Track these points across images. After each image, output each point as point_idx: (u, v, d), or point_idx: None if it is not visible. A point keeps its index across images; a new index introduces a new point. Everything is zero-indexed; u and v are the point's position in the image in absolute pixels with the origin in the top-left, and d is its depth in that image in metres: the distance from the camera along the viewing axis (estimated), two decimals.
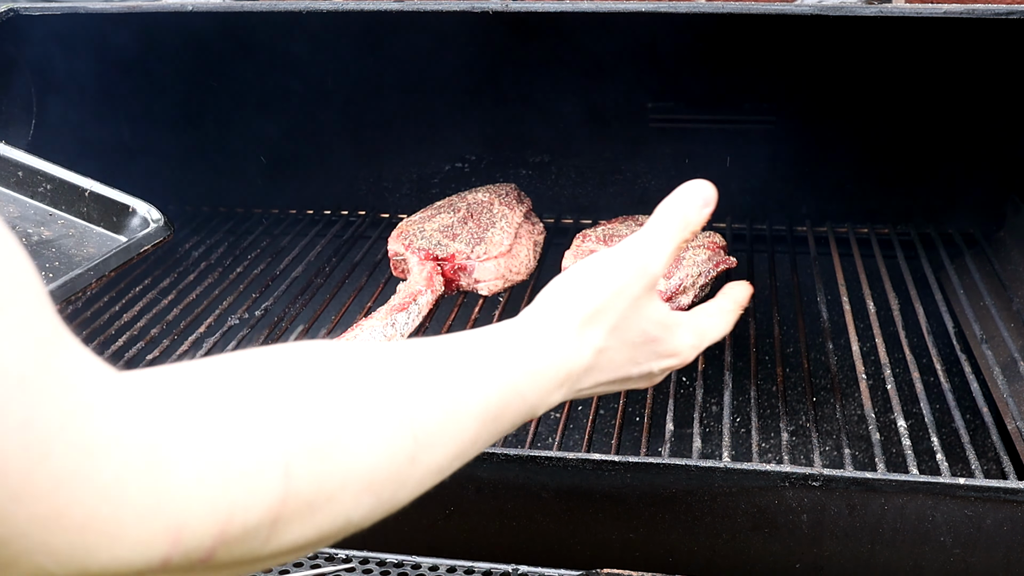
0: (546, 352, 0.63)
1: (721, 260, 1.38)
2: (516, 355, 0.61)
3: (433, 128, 1.69)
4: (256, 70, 1.64)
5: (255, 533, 0.42)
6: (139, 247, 0.84)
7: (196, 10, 1.32)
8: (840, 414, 1.11)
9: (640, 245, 0.70)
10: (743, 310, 0.85)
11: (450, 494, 1.04)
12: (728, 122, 1.59)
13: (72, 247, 0.86)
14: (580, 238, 1.41)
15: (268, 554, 0.44)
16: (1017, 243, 1.48)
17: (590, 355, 0.67)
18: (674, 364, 0.75)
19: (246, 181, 1.78)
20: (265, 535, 0.43)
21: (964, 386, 1.22)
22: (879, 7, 1.17)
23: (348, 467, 0.47)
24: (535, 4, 1.25)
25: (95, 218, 0.92)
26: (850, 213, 1.61)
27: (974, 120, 1.50)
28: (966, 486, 0.93)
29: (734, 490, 0.97)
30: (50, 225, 0.93)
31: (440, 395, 0.54)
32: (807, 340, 1.33)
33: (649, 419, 1.12)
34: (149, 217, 0.89)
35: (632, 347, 0.70)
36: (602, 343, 0.68)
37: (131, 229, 0.89)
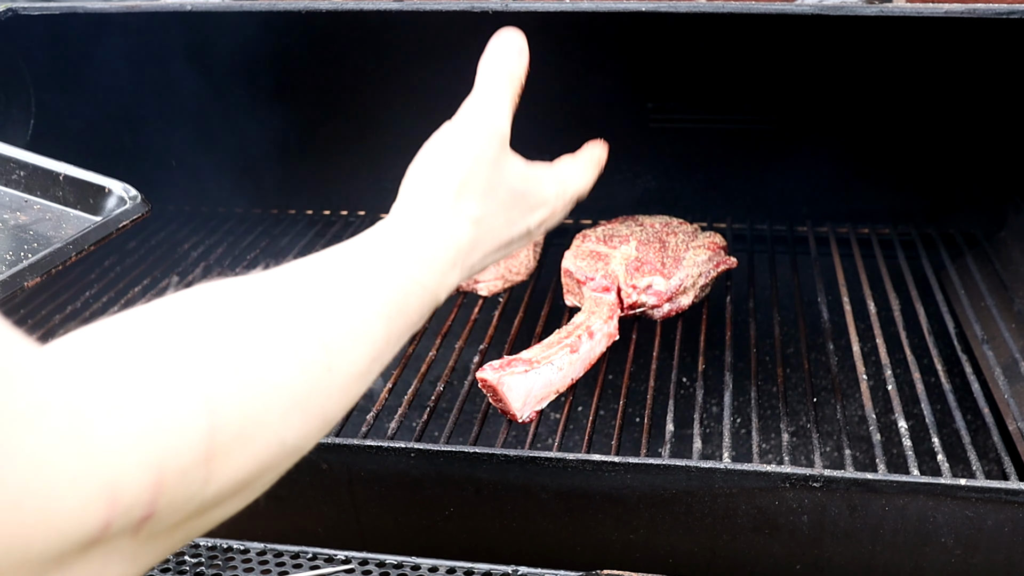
0: (430, 236, 0.64)
1: (721, 260, 1.37)
2: (404, 246, 0.62)
3: (433, 127, 1.67)
4: (255, 70, 1.64)
5: (192, 476, 0.42)
6: (117, 223, 0.85)
7: (195, 10, 1.32)
8: (841, 415, 1.11)
9: (480, 110, 0.71)
10: (601, 167, 0.88)
11: (450, 495, 1.04)
12: (728, 122, 1.59)
13: (50, 230, 0.86)
14: (580, 238, 1.40)
15: (211, 497, 0.44)
16: (1018, 243, 1.47)
17: (471, 227, 0.68)
18: (545, 215, 0.76)
19: (246, 181, 1.78)
20: (202, 476, 0.42)
21: (965, 387, 1.21)
22: (880, 7, 1.17)
23: (267, 387, 0.47)
24: (535, 4, 1.25)
25: (71, 201, 0.92)
26: (851, 213, 1.61)
27: (975, 120, 1.49)
28: (967, 487, 0.93)
29: (734, 491, 0.97)
30: (26, 211, 0.93)
31: (341, 300, 0.54)
32: (808, 341, 1.32)
33: (649, 420, 1.11)
34: (126, 195, 0.89)
35: (505, 207, 0.71)
36: (478, 212, 0.68)
37: (108, 209, 0.89)
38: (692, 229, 1.42)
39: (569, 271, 1.34)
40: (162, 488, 0.40)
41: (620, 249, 1.35)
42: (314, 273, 0.56)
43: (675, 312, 1.33)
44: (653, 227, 1.41)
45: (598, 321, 1.23)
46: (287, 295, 0.53)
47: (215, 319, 0.48)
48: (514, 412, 1.11)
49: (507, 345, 1.28)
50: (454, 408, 1.16)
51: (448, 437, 1.10)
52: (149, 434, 0.40)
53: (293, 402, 0.49)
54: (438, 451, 1.02)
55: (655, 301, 1.30)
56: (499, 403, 1.11)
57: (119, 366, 0.42)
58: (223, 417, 0.44)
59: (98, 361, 0.42)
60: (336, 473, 1.05)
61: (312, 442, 0.52)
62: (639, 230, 1.40)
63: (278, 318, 0.50)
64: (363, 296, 0.57)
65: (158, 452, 0.40)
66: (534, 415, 1.13)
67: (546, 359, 1.14)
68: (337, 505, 1.07)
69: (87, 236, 0.82)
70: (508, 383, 1.09)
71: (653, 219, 1.44)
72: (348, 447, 1.03)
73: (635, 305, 1.30)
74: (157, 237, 1.70)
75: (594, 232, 1.41)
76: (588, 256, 1.35)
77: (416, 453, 1.02)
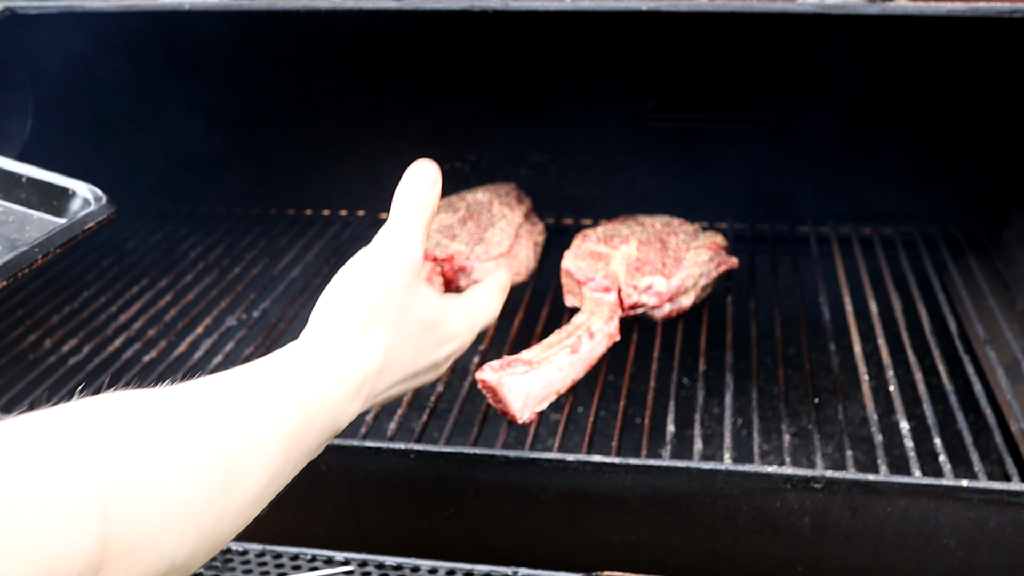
0: (336, 365, 0.64)
1: (722, 260, 1.37)
2: (310, 372, 0.62)
3: (433, 128, 1.68)
4: (254, 70, 1.64)
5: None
6: (83, 225, 0.84)
7: (194, 9, 1.32)
8: (842, 416, 1.11)
9: (393, 238, 0.72)
10: (506, 294, 0.88)
11: (449, 496, 1.03)
12: (728, 122, 1.58)
13: (13, 232, 0.86)
14: (580, 238, 1.40)
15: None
16: (1021, 243, 1.47)
17: (379, 356, 0.68)
18: (455, 348, 0.77)
19: (244, 181, 1.78)
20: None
21: (967, 387, 1.21)
22: (881, 5, 1.16)
23: (165, 504, 0.47)
24: (535, 4, 1.25)
25: (35, 203, 0.91)
26: (852, 213, 1.61)
27: (978, 119, 1.49)
28: (969, 488, 0.92)
29: (735, 492, 0.97)
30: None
31: (243, 423, 0.55)
32: (809, 341, 1.32)
33: (650, 421, 1.11)
34: (91, 197, 0.88)
35: (415, 337, 0.72)
36: (387, 341, 0.68)
37: (72, 211, 0.88)
38: (693, 229, 1.42)
39: (569, 271, 1.34)
40: None
41: (620, 249, 1.35)
42: (219, 392, 0.56)
43: (676, 312, 1.32)
44: (654, 227, 1.41)
45: (598, 321, 1.23)
46: (191, 413, 0.53)
47: (120, 433, 0.48)
48: (514, 413, 1.10)
49: (507, 345, 1.28)
50: (454, 409, 1.16)
51: (448, 438, 1.10)
52: (43, 540, 0.40)
53: (188, 521, 0.49)
54: (438, 452, 1.01)
55: (656, 301, 1.29)
56: (499, 404, 1.10)
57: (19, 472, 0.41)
58: (117, 528, 0.44)
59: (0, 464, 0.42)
60: (335, 474, 1.05)
61: (201, 562, 0.51)
62: (640, 230, 1.40)
63: (181, 436, 0.51)
64: (265, 419, 0.56)
65: (50, 559, 0.40)
66: (534, 416, 1.13)
67: (546, 359, 1.14)
68: (336, 506, 1.07)
69: (53, 239, 0.82)
70: (508, 384, 1.09)
71: (654, 219, 1.44)
72: (347, 448, 1.03)
73: (636, 305, 1.29)
74: (156, 237, 1.69)
75: (594, 232, 1.40)
76: (588, 256, 1.34)
77: (416, 454, 1.02)
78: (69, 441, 0.45)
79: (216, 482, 0.51)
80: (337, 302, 0.69)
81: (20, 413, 0.47)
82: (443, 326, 0.75)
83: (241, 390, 0.57)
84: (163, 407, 0.52)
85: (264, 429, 0.56)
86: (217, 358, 1.29)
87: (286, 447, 0.58)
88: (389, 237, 0.72)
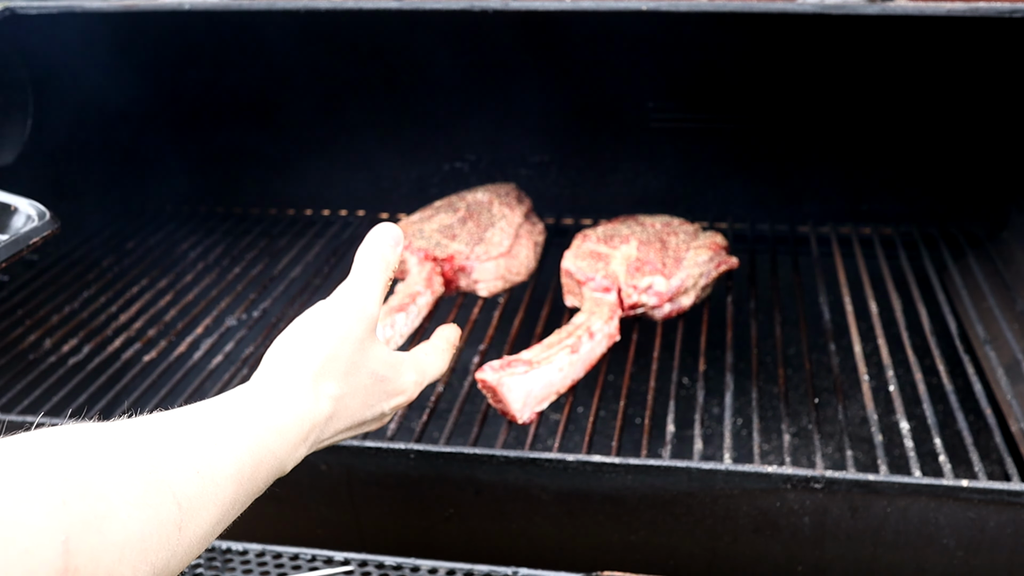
0: (288, 410, 0.66)
1: (723, 260, 1.37)
2: (261, 417, 0.64)
3: (433, 128, 1.68)
4: (254, 70, 1.64)
5: None
6: (27, 239, 0.85)
7: (194, 9, 1.32)
8: (842, 416, 1.11)
9: (352, 293, 0.74)
10: (456, 349, 0.89)
11: (450, 496, 1.03)
12: (728, 122, 1.58)
13: None
14: (580, 238, 1.40)
15: None
16: (1021, 244, 1.47)
17: (328, 405, 0.70)
18: (402, 402, 0.78)
19: (244, 181, 1.78)
20: None
21: (967, 387, 1.21)
22: (882, 6, 1.16)
23: (123, 538, 0.48)
24: (535, 4, 1.24)
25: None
26: (853, 213, 1.61)
27: (978, 120, 1.49)
28: (969, 488, 0.92)
29: (735, 492, 0.97)
30: None
31: (197, 463, 0.56)
32: (809, 341, 1.32)
33: (650, 421, 1.11)
34: (34, 213, 0.88)
35: (364, 390, 0.74)
36: (337, 391, 0.71)
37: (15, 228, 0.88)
38: (693, 229, 1.42)
39: (569, 271, 1.34)
40: None
41: (620, 249, 1.35)
42: (174, 430, 0.58)
43: (676, 312, 1.32)
44: (654, 227, 1.41)
45: (598, 321, 1.23)
46: (148, 450, 0.54)
47: (81, 467, 0.49)
48: (514, 413, 1.10)
49: (507, 345, 1.28)
50: (454, 409, 1.16)
51: (448, 438, 1.10)
52: (7, 570, 0.41)
53: (144, 557, 0.50)
54: (438, 452, 1.01)
55: (656, 301, 1.29)
56: (499, 404, 1.10)
57: None
58: (77, 562, 0.45)
59: None
60: (335, 474, 1.05)
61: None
62: (640, 230, 1.39)
63: (138, 473, 0.52)
64: (217, 458, 0.58)
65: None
66: (534, 416, 1.13)
67: (546, 359, 1.14)
68: (336, 506, 1.07)
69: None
70: (508, 384, 1.09)
71: (654, 219, 1.44)
72: (347, 448, 1.03)
73: (636, 305, 1.29)
74: (156, 237, 1.69)
75: (594, 232, 1.40)
76: (588, 256, 1.34)
77: (416, 454, 1.02)
78: (31, 472, 0.46)
79: (171, 520, 0.52)
80: (292, 349, 0.71)
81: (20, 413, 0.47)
82: (392, 381, 0.77)
83: (195, 429, 0.59)
84: (121, 442, 0.53)
85: (216, 469, 0.58)
86: (217, 358, 1.29)
87: (235, 487, 0.59)
88: (348, 292, 0.75)
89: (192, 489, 0.55)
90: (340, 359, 0.71)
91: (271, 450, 0.63)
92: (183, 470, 0.55)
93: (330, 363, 0.70)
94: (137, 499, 0.50)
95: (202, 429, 0.59)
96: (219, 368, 1.31)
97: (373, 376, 0.74)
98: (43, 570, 0.43)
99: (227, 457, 0.59)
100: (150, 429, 0.56)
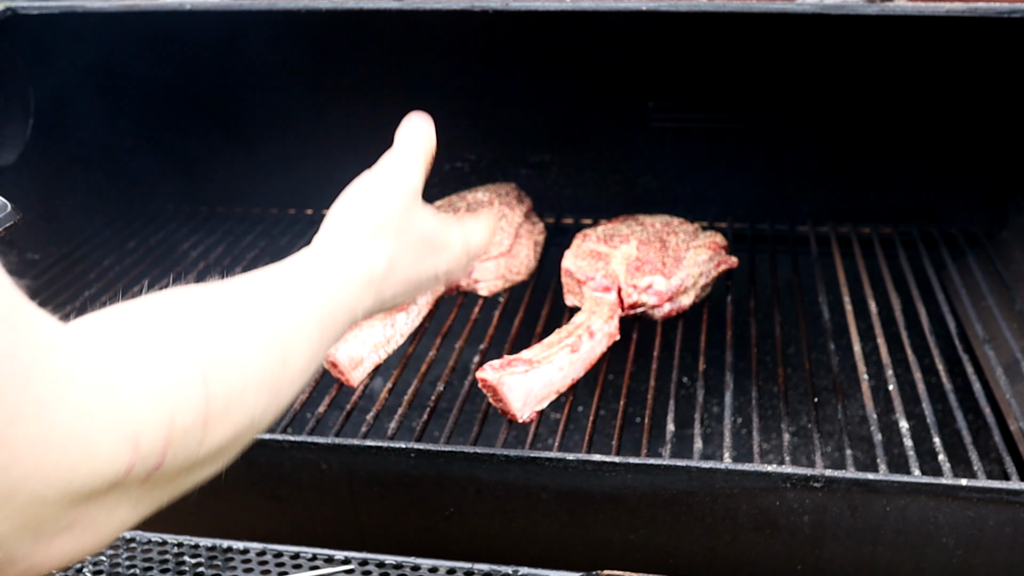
0: (349, 261, 0.77)
1: (722, 260, 1.37)
2: (331, 270, 0.75)
3: (434, 127, 1.68)
4: (253, 69, 1.64)
5: (192, 436, 0.51)
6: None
7: (195, 9, 1.32)
8: (842, 415, 1.11)
9: (399, 163, 0.85)
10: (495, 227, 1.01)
11: (450, 495, 1.04)
12: (728, 122, 1.59)
13: None
14: (580, 238, 1.40)
15: (201, 457, 0.53)
16: (1020, 243, 1.47)
17: (383, 260, 0.79)
18: (451, 261, 0.89)
19: (244, 181, 1.78)
20: (199, 437, 0.52)
21: (966, 387, 1.21)
22: (881, 6, 1.17)
23: (245, 371, 0.58)
24: (535, 4, 1.25)
25: None
26: (852, 212, 1.61)
27: (977, 119, 1.49)
28: (968, 487, 0.92)
29: (735, 491, 0.97)
30: None
31: (290, 310, 0.67)
32: (808, 340, 1.32)
33: (650, 420, 1.11)
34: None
35: (415, 249, 0.83)
36: (390, 250, 0.80)
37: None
38: (693, 228, 1.42)
39: (569, 271, 1.34)
40: (171, 442, 0.49)
41: (620, 249, 1.35)
42: (268, 285, 0.69)
43: (676, 312, 1.33)
44: (654, 227, 1.41)
45: (598, 321, 1.23)
46: (253, 301, 0.65)
47: (207, 315, 0.59)
48: (514, 412, 1.10)
49: (507, 345, 1.28)
50: (454, 408, 1.16)
51: (448, 437, 1.10)
52: (163, 396, 0.49)
53: (261, 384, 0.60)
54: (438, 451, 1.01)
55: (656, 301, 1.30)
56: (499, 403, 1.11)
57: (137, 341, 0.51)
58: (214, 388, 0.54)
59: (119, 336, 0.51)
60: (336, 473, 1.05)
61: (270, 421, 0.62)
62: (639, 229, 1.40)
63: (250, 318, 0.62)
64: (305, 306, 0.69)
65: (170, 412, 0.49)
66: (534, 415, 1.13)
67: (546, 359, 1.14)
68: (337, 505, 1.07)
69: None
70: (508, 383, 1.09)
71: (653, 218, 1.44)
72: (348, 447, 1.03)
73: (636, 305, 1.30)
74: (156, 237, 1.69)
75: (594, 232, 1.41)
76: (588, 256, 1.34)
77: (416, 453, 1.02)
78: (171, 319, 0.55)
79: (278, 356, 0.62)
80: (346, 214, 0.80)
81: None
82: (440, 240, 0.87)
83: (282, 284, 0.70)
84: (232, 296, 0.63)
85: (304, 314, 0.68)
86: None
87: (320, 330, 0.69)
88: (393, 163, 0.85)
89: (289, 332, 0.65)
90: (390, 221, 0.80)
91: (342, 299, 0.73)
92: (281, 316, 0.65)
93: (381, 226, 0.80)
94: (252, 339, 0.60)
95: (287, 284, 0.70)
96: None
97: (422, 236, 0.84)
98: (191, 396, 0.51)
99: (312, 306, 0.69)
100: (249, 286, 0.67)
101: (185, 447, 0.51)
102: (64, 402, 0.42)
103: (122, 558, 0.95)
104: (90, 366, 0.46)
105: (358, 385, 1.20)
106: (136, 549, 0.96)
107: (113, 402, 0.46)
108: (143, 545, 0.97)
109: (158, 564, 0.94)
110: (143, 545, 0.97)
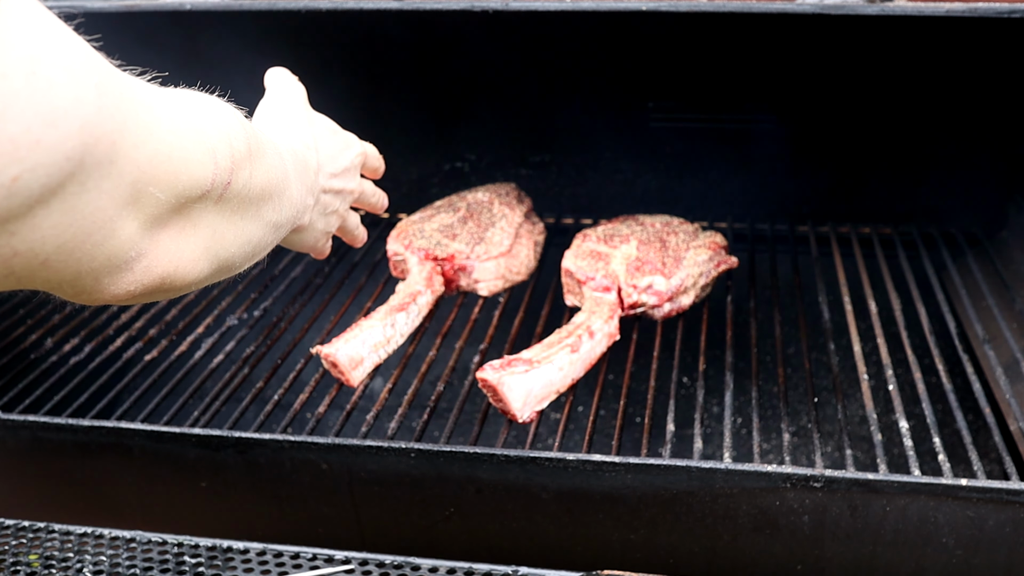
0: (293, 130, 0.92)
1: (722, 260, 1.37)
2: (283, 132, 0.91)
3: (433, 128, 1.68)
4: (253, 69, 1.63)
5: (247, 162, 0.62)
6: None
7: (195, 9, 1.32)
8: (842, 415, 1.11)
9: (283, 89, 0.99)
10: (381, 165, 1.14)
11: (450, 495, 1.04)
12: (728, 122, 1.59)
13: None
14: (580, 238, 1.40)
15: (254, 191, 0.64)
16: (1020, 243, 1.47)
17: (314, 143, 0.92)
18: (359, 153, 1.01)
19: None
20: (249, 171, 0.63)
21: (966, 387, 1.21)
22: (881, 6, 1.17)
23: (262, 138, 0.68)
24: (535, 4, 1.25)
25: None
26: (852, 213, 1.61)
27: (976, 120, 1.49)
28: (968, 487, 0.92)
29: (735, 491, 0.97)
30: None
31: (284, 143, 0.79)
32: (808, 340, 1.32)
33: (650, 420, 1.11)
34: None
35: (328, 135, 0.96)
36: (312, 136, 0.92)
37: None
38: (693, 229, 1.42)
39: (569, 271, 1.34)
40: (235, 163, 0.60)
41: (620, 249, 1.35)
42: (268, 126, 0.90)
43: (676, 312, 1.33)
44: (654, 227, 1.41)
45: (599, 321, 1.23)
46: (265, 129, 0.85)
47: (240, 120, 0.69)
48: (514, 412, 1.10)
49: (507, 345, 1.28)
50: (454, 408, 1.16)
51: (448, 437, 1.10)
52: (225, 126, 0.61)
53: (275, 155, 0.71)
54: (438, 451, 1.01)
55: (656, 301, 1.30)
56: (499, 403, 1.11)
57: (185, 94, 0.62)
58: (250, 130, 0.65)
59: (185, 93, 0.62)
60: (336, 473, 1.05)
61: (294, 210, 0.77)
62: (640, 230, 1.40)
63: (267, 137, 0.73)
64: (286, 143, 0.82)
65: (231, 138, 0.60)
66: (534, 415, 1.13)
67: (546, 359, 1.14)
68: (337, 505, 1.07)
69: None
70: (508, 383, 1.09)
71: (653, 219, 1.44)
72: (348, 447, 1.03)
73: (636, 305, 1.30)
74: None
75: (594, 232, 1.41)
76: (588, 256, 1.34)
77: (416, 453, 1.02)
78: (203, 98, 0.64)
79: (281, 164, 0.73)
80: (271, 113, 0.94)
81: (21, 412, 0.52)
82: (344, 134, 1.00)
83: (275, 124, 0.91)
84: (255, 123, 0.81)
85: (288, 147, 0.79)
86: (218, 357, 1.29)
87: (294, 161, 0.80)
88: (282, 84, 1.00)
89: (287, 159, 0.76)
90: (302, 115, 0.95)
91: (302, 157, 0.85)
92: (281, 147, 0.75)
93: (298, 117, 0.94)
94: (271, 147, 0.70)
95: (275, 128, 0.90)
96: (220, 367, 1.32)
97: (327, 126, 0.97)
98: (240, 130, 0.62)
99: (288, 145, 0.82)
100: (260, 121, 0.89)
101: (243, 173, 0.61)
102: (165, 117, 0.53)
103: (122, 558, 0.95)
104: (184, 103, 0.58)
105: (358, 385, 1.20)
106: (136, 549, 0.96)
107: (198, 123, 0.57)
108: (143, 545, 0.97)
109: (158, 564, 0.94)
110: (143, 545, 0.97)
